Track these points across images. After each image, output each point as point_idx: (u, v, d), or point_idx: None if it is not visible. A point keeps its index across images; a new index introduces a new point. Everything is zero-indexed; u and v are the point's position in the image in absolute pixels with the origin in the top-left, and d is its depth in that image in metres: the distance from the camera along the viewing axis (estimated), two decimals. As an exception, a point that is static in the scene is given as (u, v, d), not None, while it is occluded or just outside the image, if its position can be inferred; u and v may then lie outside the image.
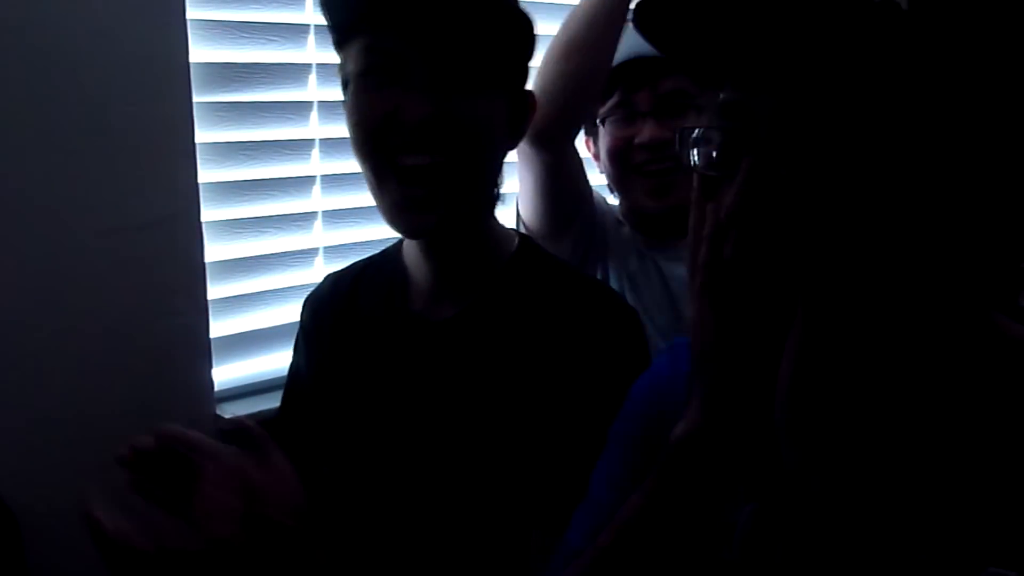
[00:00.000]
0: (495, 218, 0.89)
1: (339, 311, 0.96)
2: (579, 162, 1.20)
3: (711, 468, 0.54)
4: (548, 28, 1.39)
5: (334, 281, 0.99)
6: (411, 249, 0.89)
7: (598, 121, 1.23)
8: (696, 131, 0.53)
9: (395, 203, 0.78)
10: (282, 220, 1.30)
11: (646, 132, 1.17)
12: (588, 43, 1.08)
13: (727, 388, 0.53)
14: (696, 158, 0.53)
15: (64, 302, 1.06)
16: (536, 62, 0.92)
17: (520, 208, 1.22)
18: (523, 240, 0.92)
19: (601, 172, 1.29)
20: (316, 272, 1.33)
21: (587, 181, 1.22)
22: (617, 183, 1.24)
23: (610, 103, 1.20)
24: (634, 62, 1.16)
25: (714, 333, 0.52)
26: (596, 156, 1.29)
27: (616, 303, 0.89)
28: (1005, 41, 0.45)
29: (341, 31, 0.80)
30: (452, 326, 0.86)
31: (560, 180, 1.16)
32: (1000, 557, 0.50)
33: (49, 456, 1.07)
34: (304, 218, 1.32)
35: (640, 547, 0.57)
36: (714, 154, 0.53)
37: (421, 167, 0.76)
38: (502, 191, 0.88)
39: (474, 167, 0.80)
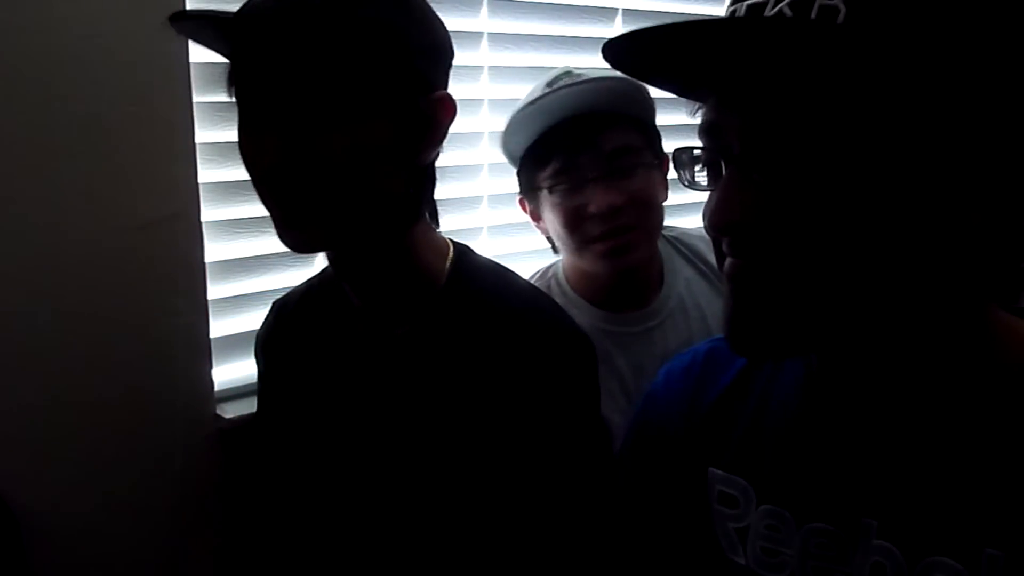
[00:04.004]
0: (423, 231, 0.85)
1: (285, 335, 0.97)
2: None
3: None
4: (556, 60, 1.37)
5: (279, 308, 1.00)
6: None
7: (542, 190, 1.15)
8: (683, 153, 0.59)
9: (274, 218, 0.79)
10: (282, 220, 1.29)
11: (598, 201, 1.09)
12: None
13: None
14: (686, 178, 0.60)
15: (64, 302, 1.06)
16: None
17: None
18: (458, 253, 0.88)
19: (544, 235, 1.23)
20: (316, 272, 1.32)
21: None
22: (572, 252, 1.18)
23: (551, 168, 1.12)
24: (572, 120, 1.08)
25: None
26: (535, 217, 1.21)
27: (562, 327, 0.85)
28: (945, 44, 0.47)
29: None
30: (394, 346, 0.86)
31: None
32: (997, 539, 0.51)
33: (49, 456, 1.07)
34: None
35: None
36: (699, 172, 0.59)
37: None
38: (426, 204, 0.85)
39: (340, 194, 0.75)
